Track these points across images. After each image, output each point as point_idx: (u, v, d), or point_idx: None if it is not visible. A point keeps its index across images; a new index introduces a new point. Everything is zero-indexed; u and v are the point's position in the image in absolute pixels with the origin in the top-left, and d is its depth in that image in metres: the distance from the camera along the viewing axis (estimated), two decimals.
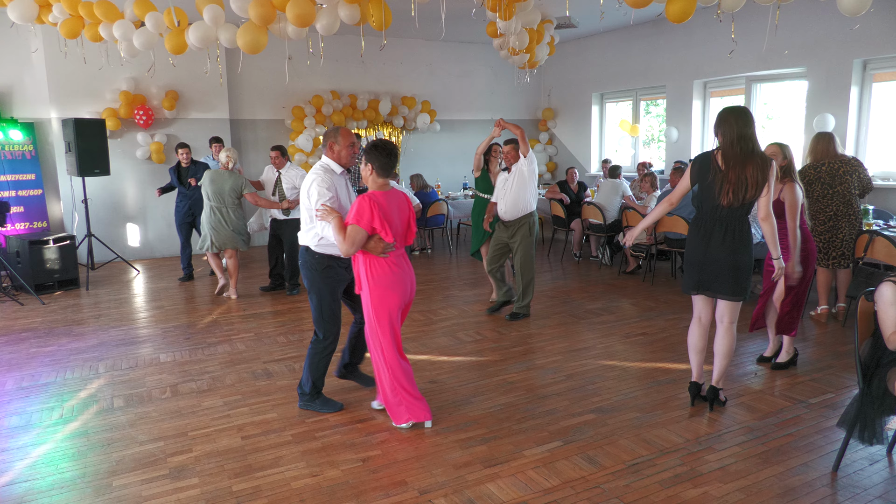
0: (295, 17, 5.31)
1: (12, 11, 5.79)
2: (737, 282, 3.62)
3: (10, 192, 8.22)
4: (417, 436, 3.60)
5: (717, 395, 3.88)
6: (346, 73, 10.60)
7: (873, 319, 3.06)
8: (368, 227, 3.42)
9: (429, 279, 7.79)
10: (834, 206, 5.47)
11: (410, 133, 11.44)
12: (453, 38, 11.24)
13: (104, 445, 3.54)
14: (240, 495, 3.02)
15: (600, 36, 11.00)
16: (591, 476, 3.15)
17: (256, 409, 3.99)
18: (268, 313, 6.31)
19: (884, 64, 7.38)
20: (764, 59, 8.35)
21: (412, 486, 3.08)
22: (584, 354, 4.96)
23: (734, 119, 3.51)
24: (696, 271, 3.72)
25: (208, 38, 5.76)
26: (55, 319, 6.19)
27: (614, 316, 6.04)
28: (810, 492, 2.98)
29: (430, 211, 9.25)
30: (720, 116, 3.57)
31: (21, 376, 4.66)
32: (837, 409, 3.84)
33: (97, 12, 5.89)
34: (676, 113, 9.85)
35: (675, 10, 5.00)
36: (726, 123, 3.52)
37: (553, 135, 12.56)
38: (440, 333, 5.54)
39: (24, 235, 7.46)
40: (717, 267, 3.61)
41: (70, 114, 8.38)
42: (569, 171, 9.45)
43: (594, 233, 8.52)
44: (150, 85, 8.92)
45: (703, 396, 3.93)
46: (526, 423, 3.74)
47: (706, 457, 3.32)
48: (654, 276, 7.56)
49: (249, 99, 10.10)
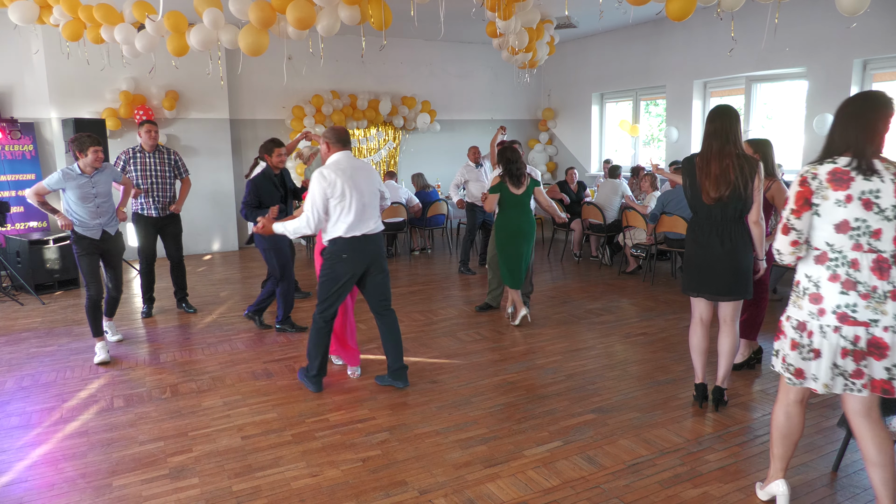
0: (295, 20, 5.32)
1: (13, 12, 5.79)
2: (737, 282, 3.62)
3: (10, 192, 8.23)
4: (417, 436, 3.60)
5: (723, 395, 3.87)
6: (346, 73, 10.60)
7: None
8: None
9: (429, 279, 7.80)
10: None
11: (410, 133, 11.45)
12: (453, 38, 11.24)
13: (104, 445, 3.54)
14: (240, 495, 3.02)
15: (600, 36, 11.00)
16: (591, 476, 3.15)
17: (256, 409, 3.99)
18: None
19: (884, 64, 7.38)
20: (764, 59, 8.35)
21: (412, 486, 3.08)
22: (584, 354, 4.96)
23: (711, 116, 3.58)
24: (695, 273, 3.72)
25: (209, 40, 5.76)
26: (55, 319, 6.19)
27: (614, 316, 6.04)
28: (810, 492, 2.98)
29: (430, 211, 9.25)
30: (708, 117, 3.62)
31: (21, 376, 4.66)
32: (837, 409, 3.84)
33: (96, 15, 5.89)
34: (676, 113, 9.86)
35: (675, 8, 5.00)
36: (707, 122, 3.59)
37: (553, 135, 12.56)
38: (440, 333, 5.54)
39: (24, 235, 7.47)
40: (717, 269, 3.62)
41: (70, 114, 8.38)
42: (568, 171, 9.46)
43: (594, 233, 8.52)
44: (150, 85, 8.92)
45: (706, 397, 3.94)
46: (526, 423, 3.74)
47: (706, 457, 3.32)
48: (654, 276, 7.56)
49: (249, 99, 10.10)
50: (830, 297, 2.46)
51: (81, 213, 4.81)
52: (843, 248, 2.44)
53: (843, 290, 2.44)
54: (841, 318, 2.44)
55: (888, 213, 2.38)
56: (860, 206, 2.40)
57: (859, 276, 2.42)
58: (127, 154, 5.96)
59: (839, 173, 2.42)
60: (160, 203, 6.02)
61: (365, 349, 5.04)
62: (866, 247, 2.41)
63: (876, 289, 2.40)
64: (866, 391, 2.46)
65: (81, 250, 4.90)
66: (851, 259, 2.43)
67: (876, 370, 2.43)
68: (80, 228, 4.85)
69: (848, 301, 2.43)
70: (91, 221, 4.86)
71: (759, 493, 2.94)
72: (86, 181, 4.80)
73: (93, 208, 4.85)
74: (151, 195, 5.96)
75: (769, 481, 2.87)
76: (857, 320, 2.42)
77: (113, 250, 5.05)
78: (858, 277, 2.42)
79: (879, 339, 2.40)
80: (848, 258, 2.44)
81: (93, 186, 4.83)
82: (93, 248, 4.92)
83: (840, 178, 2.42)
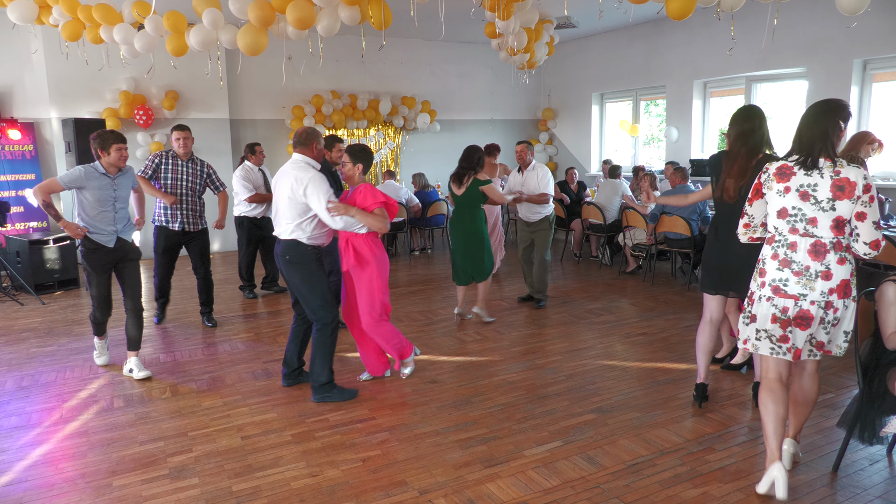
0: (295, 20, 5.31)
1: (12, 12, 5.79)
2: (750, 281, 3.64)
3: (10, 192, 8.23)
4: (417, 436, 3.60)
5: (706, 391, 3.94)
6: (346, 73, 10.60)
7: (873, 319, 3.07)
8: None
9: (429, 279, 7.80)
10: None
11: (410, 133, 11.45)
12: (453, 38, 11.24)
13: (104, 445, 3.54)
14: (240, 495, 3.02)
15: (600, 36, 11.00)
16: (591, 476, 3.15)
17: (256, 409, 3.99)
18: (268, 313, 6.31)
19: (884, 64, 7.38)
20: (764, 59, 8.35)
21: (412, 486, 3.08)
22: (584, 354, 4.96)
23: (737, 117, 3.57)
24: (716, 273, 3.71)
25: (209, 40, 5.76)
26: (55, 319, 6.18)
27: (614, 316, 6.04)
28: (810, 492, 2.98)
29: (430, 211, 9.25)
30: (732, 119, 3.62)
31: (21, 376, 4.66)
32: (837, 409, 3.84)
33: (95, 15, 5.89)
34: (676, 113, 9.86)
35: (675, 7, 4.99)
36: (733, 123, 3.59)
37: (553, 135, 12.56)
38: (440, 333, 5.54)
39: (24, 235, 7.47)
40: (738, 267, 3.62)
41: (70, 114, 8.38)
42: (568, 171, 9.46)
43: (594, 233, 8.52)
44: (149, 85, 8.93)
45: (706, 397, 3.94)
46: (526, 423, 3.74)
47: (706, 457, 3.32)
48: (654, 276, 7.56)
49: (249, 99, 10.10)
50: (770, 273, 2.87)
51: (96, 217, 4.35)
52: (784, 231, 2.83)
53: (779, 267, 2.83)
54: (774, 290, 2.85)
55: (824, 204, 2.72)
56: (797, 197, 2.77)
57: (795, 257, 2.79)
58: (160, 158, 5.47)
59: (784, 168, 2.84)
60: (187, 218, 5.55)
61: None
62: (802, 231, 2.78)
63: (808, 268, 2.76)
64: (790, 355, 2.88)
65: (92, 266, 4.43)
66: (790, 242, 2.81)
67: (799, 339, 2.84)
68: (94, 236, 4.36)
69: (782, 276, 2.82)
70: (106, 227, 4.40)
71: (758, 487, 2.95)
72: (108, 182, 4.38)
73: (110, 214, 4.40)
74: (179, 207, 5.50)
75: (767, 466, 2.92)
76: (788, 293, 2.81)
77: (129, 256, 4.56)
78: (794, 257, 2.79)
79: (806, 311, 2.79)
80: (787, 240, 2.82)
81: (114, 189, 4.40)
82: (106, 261, 4.45)
83: (783, 173, 2.83)
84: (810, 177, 2.75)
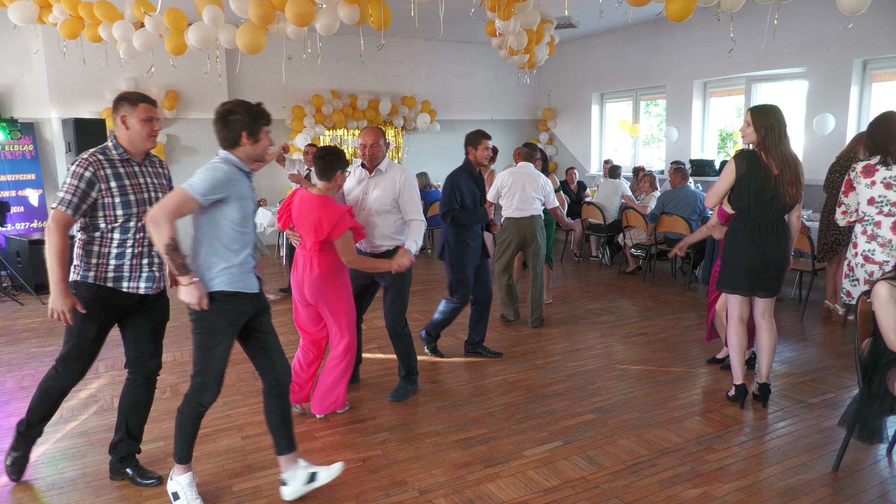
0: (294, 16, 5.31)
1: (13, 13, 5.79)
2: (781, 279, 3.70)
3: (10, 192, 8.22)
4: (417, 436, 3.60)
5: (770, 389, 3.91)
6: (346, 73, 10.60)
7: (873, 319, 3.07)
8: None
9: (428, 279, 7.79)
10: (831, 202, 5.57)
11: (410, 133, 11.45)
12: (453, 38, 11.24)
13: (104, 445, 3.54)
14: (240, 495, 3.02)
15: (600, 36, 11.00)
16: (591, 476, 3.15)
17: (256, 409, 3.99)
18: None
19: (884, 64, 7.38)
20: (764, 59, 8.35)
21: (412, 486, 3.08)
22: (584, 354, 4.96)
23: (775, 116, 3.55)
24: (752, 273, 3.65)
25: (208, 38, 5.76)
26: (55, 319, 6.17)
27: (614, 316, 6.04)
28: (810, 492, 2.99)
29: (431, 211, 9.24)
30: (762, 112, 3.57)
31: (21, 376, 4.66)
32: (837, 409, 3.84)
33: (97, 13, 5.89)
34: (676, 113, 9.86)
35: (674, 8, 4.99)
36: (774, 120, 3.54)
37: (553, 135, 12.56)
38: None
39: (24, 235, 7.47)
40: (771, 267, 3.63)
41: (70, 114, 8.37)
42: (568, 171, 9.46)
43: (594, 233, 8.52)
44: (149, 85, 8.91)
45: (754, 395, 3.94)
46: (526, 423, 3.74)
47: (706, 457, 3.33)
48: (654, 276, 7.57)
49: (249, 99, 9.82)
50: (861, 245, 4.01)
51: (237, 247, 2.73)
52: (872, 214, 3.96)
53: (868, 241, 3.97)
54: (865, 258, 3.97)
55: None
56: (882, 187, 3.89)
57: (879, 232, 3.93)
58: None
59: (868, 167, 3.95)
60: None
61: (365, 348, 5.03)
62: (887, 212, 3.90)
63: (891, 241, 3.88)
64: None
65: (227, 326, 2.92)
66: (876, 220, 3.94)
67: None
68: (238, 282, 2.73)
69: (870, 248, 3.95)
70: (249, 261, 2.81)
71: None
72: (249, 186, 2.80)
73: (251, 236, 2.81)
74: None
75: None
76: (874, 260, 3.95)
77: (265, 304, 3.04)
78: (879, 233, 3.93)
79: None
80: (874, 220, 3.95)
81: (253, 195, 2.86)
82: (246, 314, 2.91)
83: (868, 170, 3.94)
84: (890, 171, 3.86)
